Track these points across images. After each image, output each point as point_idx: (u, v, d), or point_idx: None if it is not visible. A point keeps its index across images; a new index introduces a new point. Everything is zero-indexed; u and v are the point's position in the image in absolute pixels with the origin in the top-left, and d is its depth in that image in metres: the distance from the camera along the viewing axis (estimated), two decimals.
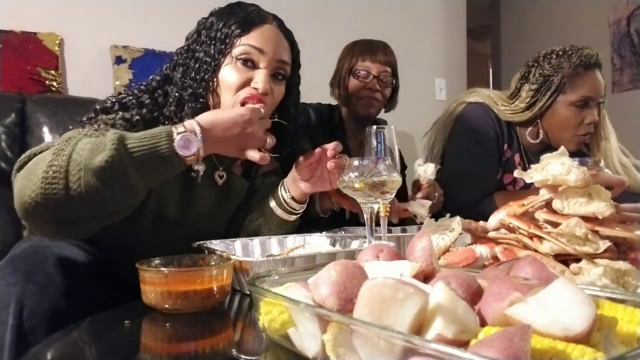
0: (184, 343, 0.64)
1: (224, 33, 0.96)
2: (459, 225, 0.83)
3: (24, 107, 1.56)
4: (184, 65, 0.99)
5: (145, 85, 1.01)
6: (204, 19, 1.02)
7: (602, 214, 0.68)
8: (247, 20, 0.97)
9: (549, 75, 1.40)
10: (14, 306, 0.68)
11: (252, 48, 0.95)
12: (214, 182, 1.04)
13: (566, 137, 1.40)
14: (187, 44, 1.01)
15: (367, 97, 1.52)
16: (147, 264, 0.73)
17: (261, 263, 0.76)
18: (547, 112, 1.43)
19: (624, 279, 0.65)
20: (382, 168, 0.81)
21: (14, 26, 1.73)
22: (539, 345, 0.36)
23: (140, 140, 0.76)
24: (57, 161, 0.73)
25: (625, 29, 2.83)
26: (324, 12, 2.43)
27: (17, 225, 1.29)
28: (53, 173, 0.72)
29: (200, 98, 0.96)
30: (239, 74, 0.95)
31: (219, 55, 0.95)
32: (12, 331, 0.67)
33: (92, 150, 0.73)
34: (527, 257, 0.53)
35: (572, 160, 0.72)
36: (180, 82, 0.97)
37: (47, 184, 0.72)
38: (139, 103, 0.97)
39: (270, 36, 0.98)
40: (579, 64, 1.38)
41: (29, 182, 0.74)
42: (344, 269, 0.46)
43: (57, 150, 0.74)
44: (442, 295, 0.39)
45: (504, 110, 1.49)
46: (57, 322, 0.68)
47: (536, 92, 1.42)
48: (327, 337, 0.41)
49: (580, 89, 1.38)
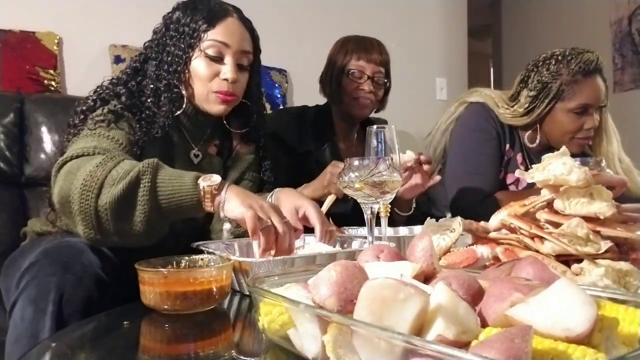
0: (183, 344, 0.64)
1: (191, 28, 1.05)
2: (460, 225, 0.83)
3: (23, 106, 1.56)
4: (157, 59, 1.06)
5: (117, 79, 1.08)
6: (169, 13, 1.10)
7: (604, 214, 0.68)
8: (212, 15, 1.06)
9: (547, 82, 1.38)
10: (53, 294, 0.73)
11: (219, 43, 1.05)
12: (189, 161, 1.12)
13: (566, 142, 1.37)
14: (156, 38, 1.09)
15: (361, 98, 1.49)
16: (146, 265, 0.73)
17: (261, 264, 0.76)
18: (546, 117, 1.42)
19: (626, 280, 0.64)
20: (383, 168, 0.81)
21: (13, 26, 1.72)
22: (540, 346, 0.35)
23: (170, 194, 0.81)
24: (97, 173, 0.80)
25: (627, 29, 2.83)
26: (323, 12, 2.42)
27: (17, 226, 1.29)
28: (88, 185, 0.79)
29: (175, 88, 1.05)
30: (209, 67, 1.05)
31: (188, 49, 1.04)
32: (51, 317, 0.72)
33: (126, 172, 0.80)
34: (529, 257, 0.53)
35: (574, 160, 0.72)
36: (154, 75, 1.05)
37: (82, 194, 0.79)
38: (116, 94, 1.03)
39: (234, 30, 1.07)
40: (578, 70, 1.35)
41: (67, 185, 0.81)
42: (344, 269, 0.46)
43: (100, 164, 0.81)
44: (442, 296, 0.38)
45: (503, 113, 1.48)
46: (90, 310, 0.74)
47: (534, 98, 1.41)
48: (327, 338, 0.41)
49: (579, 96, 1.36)
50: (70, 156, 0.85)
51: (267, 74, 2.18)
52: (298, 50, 2.32)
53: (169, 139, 1.08)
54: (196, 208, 0.82)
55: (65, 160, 0.85)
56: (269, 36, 2.25)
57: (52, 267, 0.77)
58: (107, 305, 0.76)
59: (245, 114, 1.18)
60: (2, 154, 1.50)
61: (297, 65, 2.30)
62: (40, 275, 0.76)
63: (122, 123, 0.98)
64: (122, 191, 0.78)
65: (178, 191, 0.81)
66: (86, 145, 0.88)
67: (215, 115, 1.09)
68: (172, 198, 0.81)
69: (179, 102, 1.05)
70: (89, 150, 0.86)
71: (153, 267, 0.73)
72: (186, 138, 1.11)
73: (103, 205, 0.78)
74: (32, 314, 0.73)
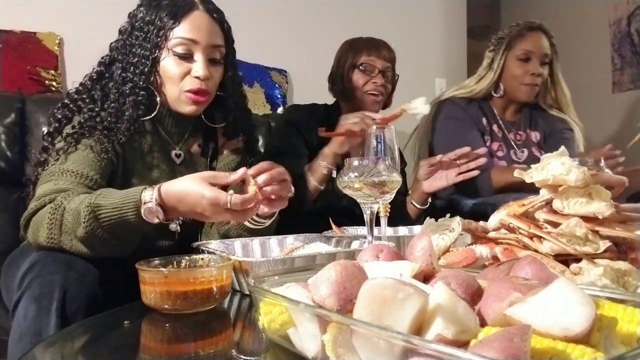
0: (184, 343, 0.64)
1: (156, 26, 0.99)
2: (459, 225, 0.83)
3: (24, 107, 1.56)
4: (122, 61, 1.02)
5: (83, 86, 1.04)
6: (134, 10, 1.05)
7: (603, 214, 0.68)
8: (176, 10, 1.00)
9: (501, 37, 1.77)
10: (57, 292, 0.74)
11: (186, 40, 0.99)
12: (171, 162, 1.08)
13: (515, 86, 1.73)
14: (122, 39, 1.04)
15: (373, 91, 1.53)
16: (147, 264, 0.73)
17: (261, 263, 0.76)
18: (503, 71, 1.75)
19: (624, 279, 0.65)
20: (382, 168, 0.81)
21: (14, 26, 1.72)
22: (539, 346, 0.36)
23: (111, 211, 0.81)
24: (53, 232, 0.83)
25: (626, 29, 2.83)
26: (323, 13, 2.42)
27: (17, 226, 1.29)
28: (52, 242, 0.83)
29: (141, 90, 1.00)
30: (179, 66, 1.00)
31: (155, 49, 1.00)
32: (56, 314, 0.73)
33: (74, 222, 0.81)
34: (527, 257, 0.53)
35: (572, 160, 0.72)
36: (119, 78, 1.01)
37: (51, 245, 0.84)
38: (78, 108, 1.01)
39: (201, 24, 1.01)
40: (524, 26, 1.74)
41: (38, 240, 0.85)
42: (343, 269, 0.46)
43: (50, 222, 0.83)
44: (442, 296, 0.39)
45: (467, 86, 1.81)
46: (93, 307, 0.75)
47: (494, 53, 1.76)
48: (326, 338, 0.41)
49: (523, 44, 1.71)
50: (30, 213, 0.88)
51: (267, 74, 2.18)
52: (298, 51, 2.33)
53: (148, 142, 1.05)
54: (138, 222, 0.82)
55: (27, 219, 0.88)
56: (269, 36, 2.27)
57: (56, 265, 0.78)
58: (110, 303, 0.76)
59: (224, 108, 1.14)
60: (3, 154, 1.50)
61: (297, 66, 2.30)
62: (43, 273, 0.77)
63: (85, 140, 0.96)
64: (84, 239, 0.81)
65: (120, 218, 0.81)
66: (41, 193, 0.89)
67: (188, 115, 1.05)
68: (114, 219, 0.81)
69: (144, 105, 1.00)
70: (44, 201, 0.87)
71: (153, 267, 0.73)
72: (166, 139, 1.08)
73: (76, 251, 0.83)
74: (36, 311, 0.73)
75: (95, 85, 1.03)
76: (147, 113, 1.02)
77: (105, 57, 1.06)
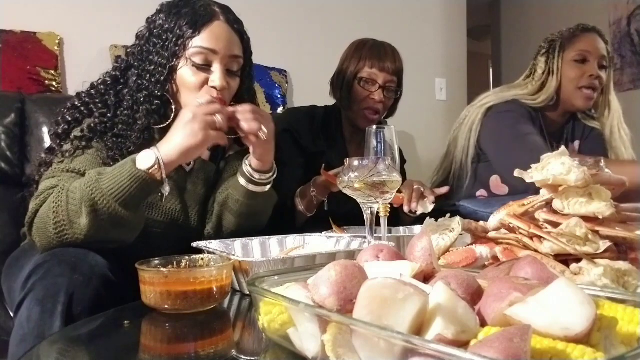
0: (184, 343, 0.64)
1: (175, 35, 0.98)
2: (459, 225, 0.83)
3: (24, 107, 1.56)
4: (139, 68, 1.01)
5: (95, 89, 1.03)
6: (153, 16, 1.04)
7: (603, 214, 0.68)
8: (197, 19, 0.99)
9: (552, 39, 1.63)
10: (63, 295, 0.74)
11: (205, 50, 0.98)
12: (181, 169, 1.07)
13: (571, 91, 1.57)
14: (139, 45, 1.03)
15: (370, 108, 1.49)
16: (147, 264, 0.73)
17: (261, 263, 0.76)
18: (560, 77, 1.59)
19: (624, 279, 0.64)
20: (382, 168, 0.81)
21: (14, 26, 1.73)
22: (539, 346, 0.36)
23: (112, 171, 0.86)
24: (60, 215, 0.84)
25: (626, 29, 2.83)
26: (324, 13, 2.42)
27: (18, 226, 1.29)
28: (60, 227, 0.84)
29: (156, 100, 0.99)
30: (196, 75, 0.99)
31: (173, 58, 0.99)
32: (61, 317, 0.72)
33: (81, 195, 0.84)
34: (527, 257, 0.53)
35: (573, 160, 0.72)
36: (135, 85, 1.00)
37: (61, 236, 0.85)
38: (89, 111, 1.00)
39: (221, 34, 1.00)
40: (577, 28, 1.62)
41: (46, 237, 0.86)
42: (343, 269, 0.46)
43: (56, 205, 0.85)
44: (442, 296, 0.39)
45: (523, 94, 1.61)
46: (98, 310, 0.75)
47: (546, 56, 1.61)
48: (327, 338, 0.41)
49: (578, 45, 1.58)
50: (34, 211, 0.89)
51: (267, 74, 2.18)
52: (298, 51, 2.33)
53: None
54: (150, 184, 0.86)
55: (31, 216, 0.89)
56: (270, 36, 2.27)
57: (61, 267, 0.77)
58: (114, 305, 0.76)
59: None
60: (3, 154, 1.50)
61: (297, 66, 2.30)
62: (48, 276, 0.76)
63: (92, 144, 0.96)
64: (89, 220, 0.83)
65: (126, 184, 0.84)
66: (43, 188, 0.90)
67: None
68: (126, 192, 0.84)
69: (158, 114, 1.00)
70: (45, 197, 0.88)
71: (153, 267, 0.73)
72: None
73: (83, 237, 0.84)
74: (39, 314, 0.72)
75: (109, 90, 1.02)
76: (160, 122, 1.01)
77: (122, 62, 1.05)
